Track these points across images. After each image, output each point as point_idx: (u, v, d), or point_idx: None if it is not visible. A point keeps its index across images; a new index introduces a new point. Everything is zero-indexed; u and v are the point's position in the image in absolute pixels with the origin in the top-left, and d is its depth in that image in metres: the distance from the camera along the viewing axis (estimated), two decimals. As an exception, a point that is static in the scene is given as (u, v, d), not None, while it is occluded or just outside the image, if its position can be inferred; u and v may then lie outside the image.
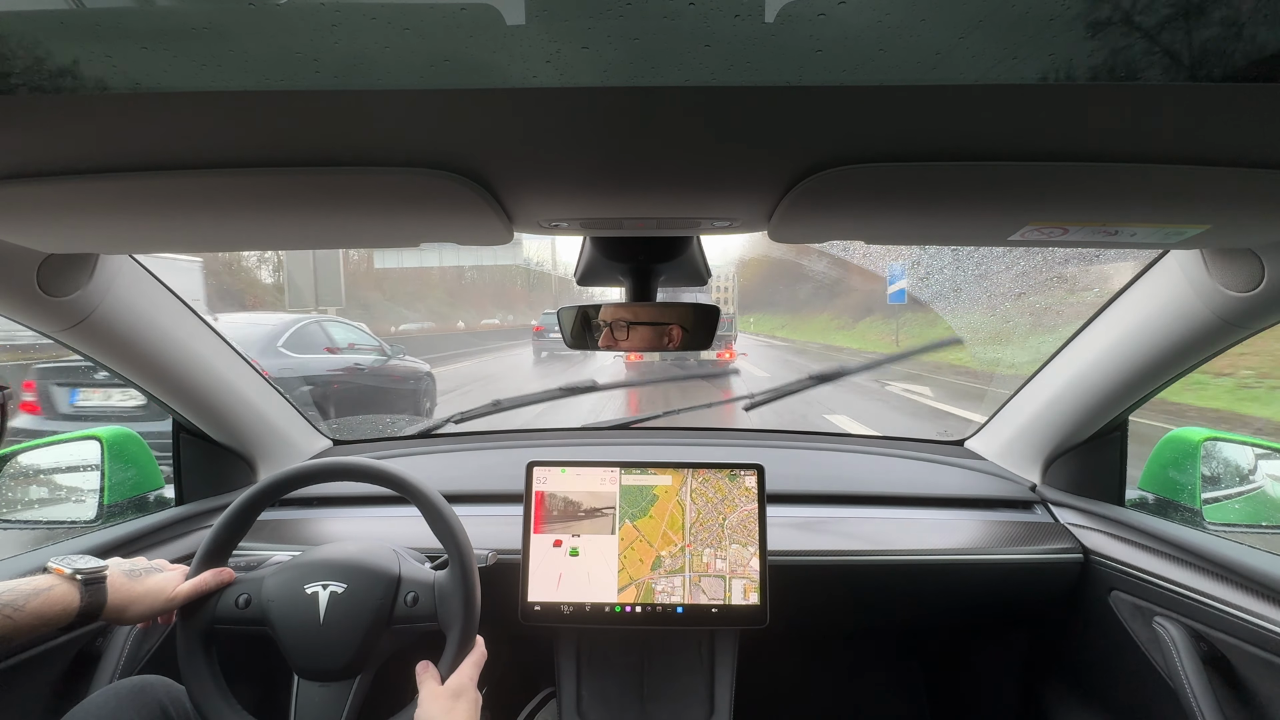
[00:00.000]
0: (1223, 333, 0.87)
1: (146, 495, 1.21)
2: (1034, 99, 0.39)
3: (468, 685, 0.80)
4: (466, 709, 0.77)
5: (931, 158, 0.48)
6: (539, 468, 1.09)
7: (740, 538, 1.05)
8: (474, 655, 0.83)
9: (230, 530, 0.87)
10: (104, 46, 0.34)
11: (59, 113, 0.40)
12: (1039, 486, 1.27)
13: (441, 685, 0.79)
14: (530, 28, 0.33)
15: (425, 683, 0.79)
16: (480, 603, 0.85)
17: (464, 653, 0.82)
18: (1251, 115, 0.41)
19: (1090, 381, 1.09)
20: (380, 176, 0.51)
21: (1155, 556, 1.01)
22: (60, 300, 0.82)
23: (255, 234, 0.71)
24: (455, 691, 0.78)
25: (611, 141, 0.46)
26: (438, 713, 0.76)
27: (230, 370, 1.15)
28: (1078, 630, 1.19)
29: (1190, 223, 0.61)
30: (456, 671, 0.80)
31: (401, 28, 0.33)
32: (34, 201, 0.55)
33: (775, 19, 0.33)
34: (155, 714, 0.80)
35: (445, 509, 0.87)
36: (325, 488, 1.17)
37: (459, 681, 0.80)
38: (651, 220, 0.68)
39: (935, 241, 0.76)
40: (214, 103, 0.39)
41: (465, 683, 0.80)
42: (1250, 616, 0.84)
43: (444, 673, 0.81)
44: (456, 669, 0.81)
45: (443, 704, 0.77)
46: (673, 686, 1.12)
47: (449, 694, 0.78)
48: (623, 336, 0.93)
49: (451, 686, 0.79)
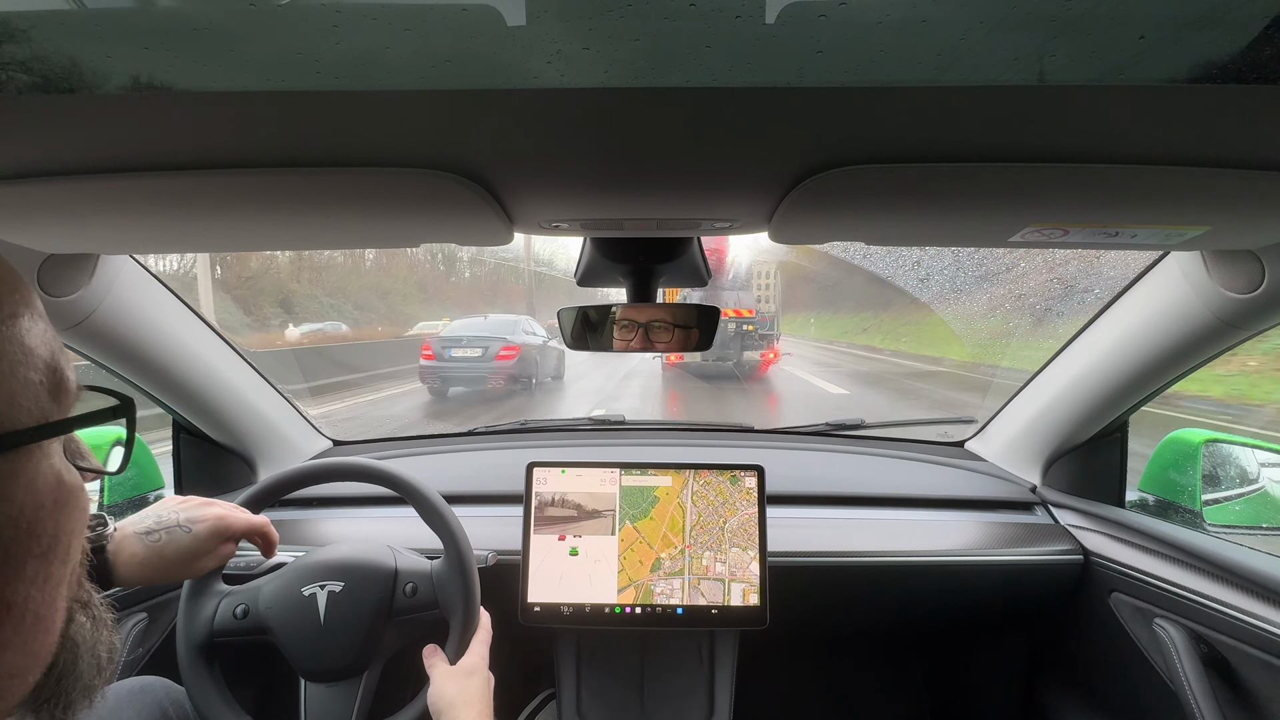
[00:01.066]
0: (1223, 334, 0.87)
1: (146, 495, 1.21)
2: (1034, 100, 0.39)
3: (479, 664, 0.80)
4: (479, 687, 0.77)
5: (932, 159, 0.48)
6: (539, 469, 1.09)
7: (740, 541, 1.05)
8: (481, 634, 0.83)
9: None
10: (104, 46, 0.34)
11: (59, 113, 0.40)
12: (1039, 488, 1.27)
13: (452, 665, 0.79)
14: (531, 28, 0.33)
15: (435, 665, 0.79)
16: (479, 587, 0.85)
17: (470, 633, 0.83)
18: (1252, 116, 0.41)
19: (1090, 383, 1.09)
20: (380, 177, 0.50)
21: (1156, 558, 1.01)
22: (60, 301, 0.82)
23: (254, 234, 0.71)
24: (468, 670, 0.78)
25: (612, 142, 0.46)
26: (452, 692, 0.75)
27: (230, 371, 1.15)
28: (1078, 632, 1.19)
29: (1191, 224, 0.61)
30: (468, 651, 0.81)
31: (402, 28, 0.33)
32: (34, 202, 0.55)
33: (776, 20, 0.33)
34: (155, 715, 0.80)
35: (444, 509, 0.87)
36: (324, 488, 1.17)
37: (471, 660, 0.80)
38: (652, 221, 0.68)
39: (935, 243, 0.76)
40: (214, 103, 0.39)
41: (477, 661, 0.80)
42: (1251, 618, 0.83)
43: (452, 655, 0.81)
44: (466, 649, 0.81)
45: (457, 683, 0.76)
46: (673, 687, 1.11)
47: (462, 673, 0.78)
48: (623, 337, 0.93)
49: (464, 665, 0.79)
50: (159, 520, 0.74)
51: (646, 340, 0.93)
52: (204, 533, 0.75)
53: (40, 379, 0.35)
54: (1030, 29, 0.33)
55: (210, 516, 0.76)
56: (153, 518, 0.74)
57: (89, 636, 0.42)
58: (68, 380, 0.37)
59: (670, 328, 0.93)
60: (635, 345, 0.94)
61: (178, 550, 0.73)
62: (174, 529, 0.73)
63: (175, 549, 0.73)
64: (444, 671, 0.78)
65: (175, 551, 0.73)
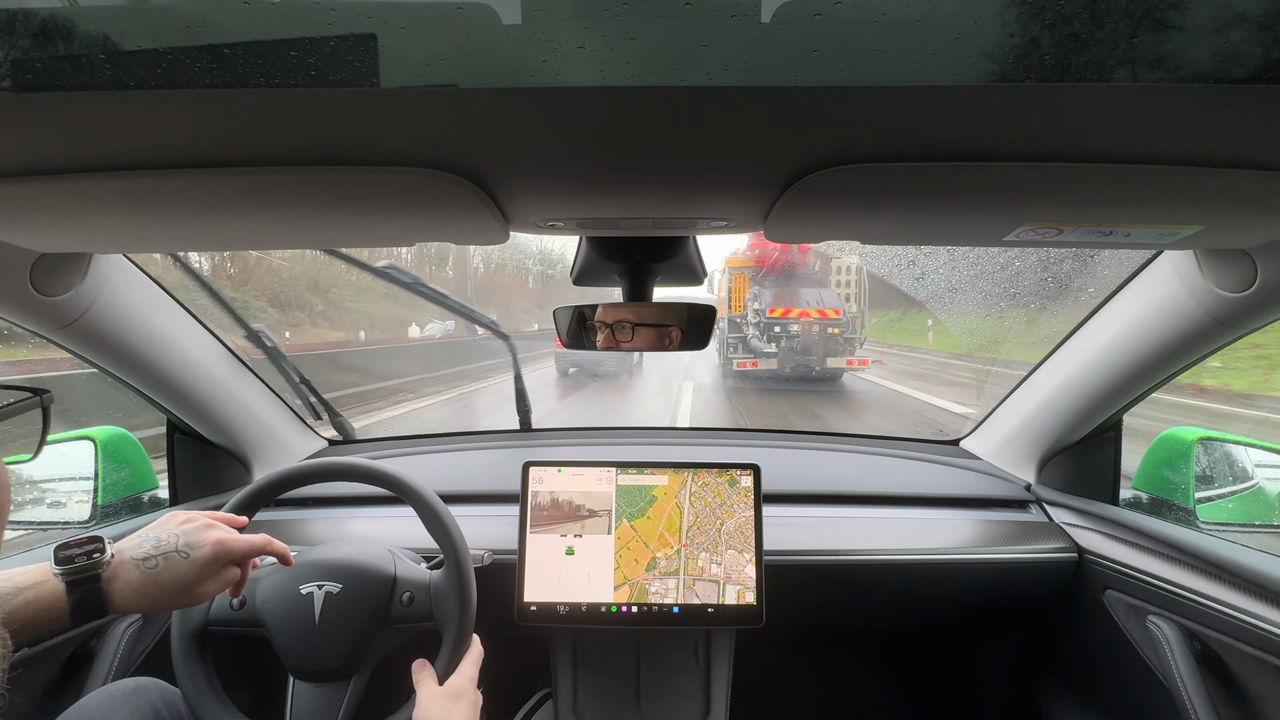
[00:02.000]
0: (1216, 333, 0.87)
1: (141, 495, 1.21)
2: (1029, 100, 0.39)
3: (468, 686, 0.78)
4: (466, 711, 0.76)
5: (927, 158, 0.48)
6: (535, 468, 1.09)
7: (736, 543, 1.05)
8: (472, 654, 0.82)
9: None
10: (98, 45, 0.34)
11: (52, 111, 0.40)
12: (1034, 486, 1.28)
13: (440, 685, 0.78)
14: (526, 27, 0.33)
15: (423, 682, 0.78)
16: (476, 602, 0.85)
17: (461, 652, 0.82)
18: (1245, 116, 0.41)
19: (1084, 382, 1.09)
20: (375, 176, 0.50)
21: (1149, 555, 1.02)
22: (53, 300, 0.81)
23: (248, 234, 0.71)
24: (455, 693, 0.77)
25: (608, 141, 0.46)
26: (436, 713, 0.74)
27: (225, 370, 1.15)
28: (1072, 629, 1.19)
29: (1184, 223, 0.61)
30: (456, 672, 0.79)
31: (397, 27, 0.33)
32: (27, 200, 0.55)
33: (771, 19, 0.33)
34: (149, 716, 0.79)
35: (441, 509, 0.87)
36: (321, 488, 1.17)
37: (459, 682, 0.78)
38: (648, 220, 0.68)
39: (931, 242, 0.77)
40: (208, 101, 0.39)
41: (465, 683, 0.78)
42: (1244, 615, 0.84)
43: (441, 673, 0.80)
44: (455, 669, 0.80)
45: (441, 704, 0.75)
46: (669, 686, 1.12)
47: (448, 695, 0.77)
48: (620, 337, 0.93)
49: (451, 687, 0.77)
50: (157, 545, 0.70)
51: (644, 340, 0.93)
52: (203, 559, 0.71)
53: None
54: (1024, 28, 0.33)
55: (210, 541, 0.72)
56: (151, 542, 0.70)
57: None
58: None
59: (669, 328, 0.93)
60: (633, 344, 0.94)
61: (175, 578, 0.69)
62: (172, 555, 0.70)
63: (173, 576, 0.69)
64: (430, 691, 0.76)
65: (173, 579, 0.69)
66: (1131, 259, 0.98)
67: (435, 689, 0.77)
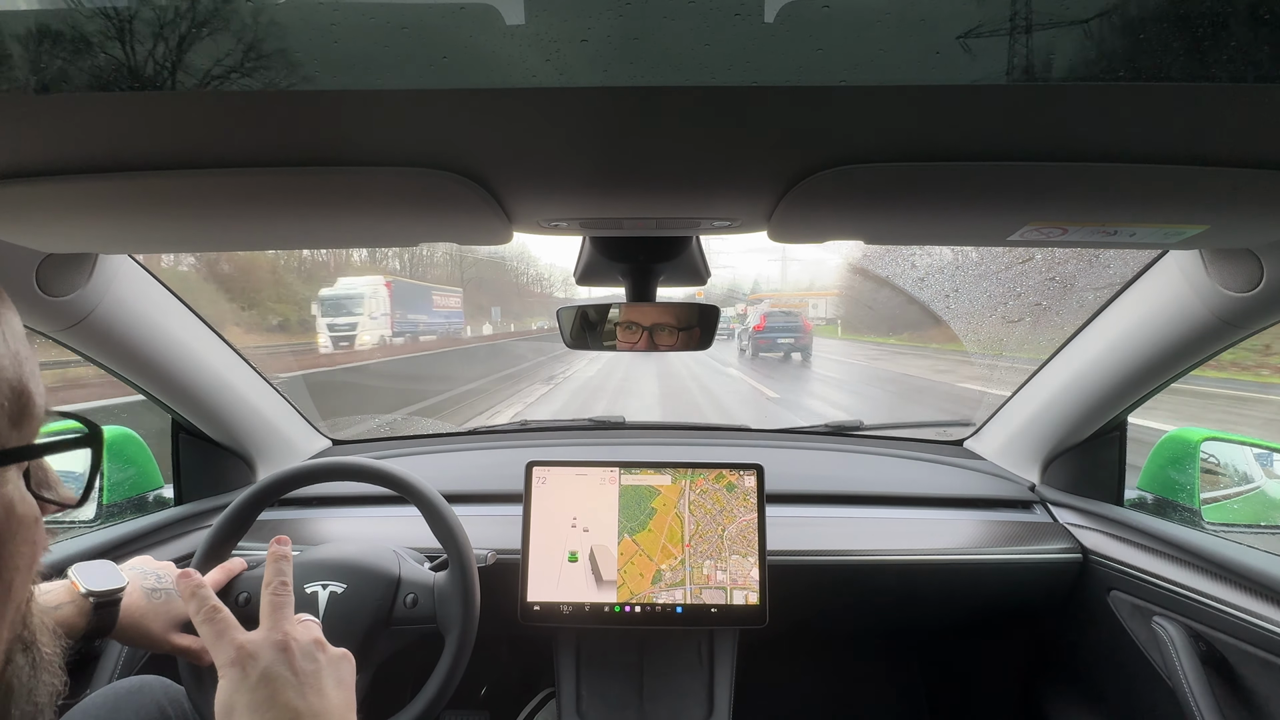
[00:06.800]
0: (1221, 333, 0.87)
1: (146, 495, 1.21)
2: (1033, 99, 0.39)
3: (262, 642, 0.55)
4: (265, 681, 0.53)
5: (931, 158, 0.48)
6: (538, 467, 1.09)
7: (740, 548, 1.05)
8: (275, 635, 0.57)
9: (228, 531, 0.86)
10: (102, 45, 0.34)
11: (57, 112, 0.40)
12: (1038, 486, 1.28)
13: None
14: (530, 27, 0.33)
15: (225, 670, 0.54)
16: (480, 605, 0.85)
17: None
18: (1250, 115, 0.41)
19: (1089, 381, 1.09)
20: (379, 176, 0.50)
21: (1154, 556, 1.01)
22: (59, 300, 0.81)
23: (253, 234, 0.71)
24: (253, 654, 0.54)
25: (611, 141, 0.46)
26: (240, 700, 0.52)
27: (229, 370, 1.15)
28: (1076, 630, 1.19)
29: (1189, 223, 0.61)
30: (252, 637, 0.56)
31: (400, 26, 0.33)
32: (32, 201, 0.55)
33: (775, 19, 0.33)
34: (153, 714, 0.80)
35: (445, 509, 0.87)
36: (324, 487, 1.17)
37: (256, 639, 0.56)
38: (651, 220, 0.68)
39: (934, 242, 0.76)
40: (212, 102, 0.39)
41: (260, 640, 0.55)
42: (1249, 616, 0.84)
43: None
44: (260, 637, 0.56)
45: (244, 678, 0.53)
46: (672, 686, 1.12)
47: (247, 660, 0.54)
48: (622, 337, 0.93)
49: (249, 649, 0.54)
50: (160, 580, 0.76)
51: (649, 340, 0.93)
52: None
53: (1, 402, 0.33)
54: (1029, 27, 0.33)
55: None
56: (154, 575, 0.76)
57: (26, 680, 0.38)
58: (34, 404, 0.35)
59: (673, 329, 0.92)
60: (635, 345, 0.93)
61: (170, 613, 0.75)
62: (173, 591, 0.75)
63: (168, 611, 0.75)
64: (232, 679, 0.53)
65: (168, 614, 0.75)
66: (1136, 259, 0.98)
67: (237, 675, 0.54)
